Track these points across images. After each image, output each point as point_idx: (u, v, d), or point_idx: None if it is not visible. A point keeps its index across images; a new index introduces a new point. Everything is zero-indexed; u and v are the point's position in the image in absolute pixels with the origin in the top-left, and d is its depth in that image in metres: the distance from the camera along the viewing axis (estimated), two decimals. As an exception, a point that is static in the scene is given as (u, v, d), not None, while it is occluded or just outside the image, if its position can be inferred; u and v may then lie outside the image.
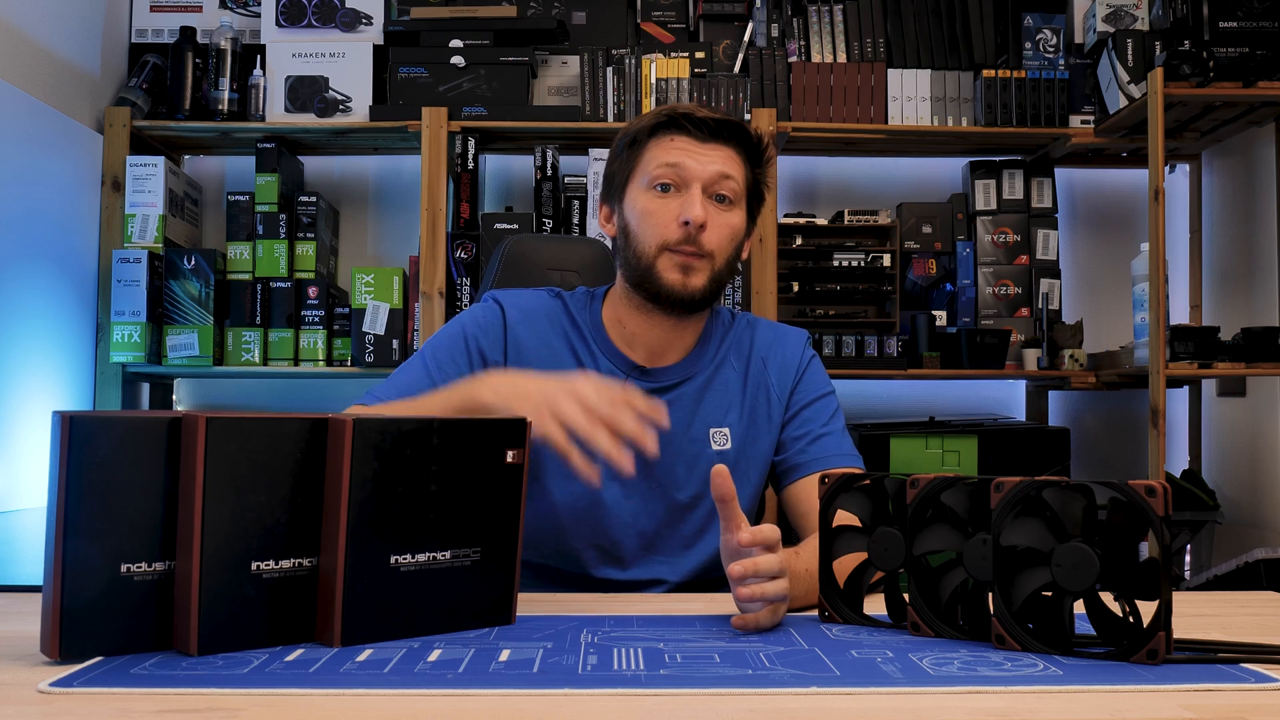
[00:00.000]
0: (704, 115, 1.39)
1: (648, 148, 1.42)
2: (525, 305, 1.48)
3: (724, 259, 1.41)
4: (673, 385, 1.46)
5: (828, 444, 1.46)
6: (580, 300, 1.51)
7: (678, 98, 2.87)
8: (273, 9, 2.94)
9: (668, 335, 1.45)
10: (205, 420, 0.90)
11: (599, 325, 1.48)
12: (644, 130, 1.42)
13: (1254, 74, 2.50)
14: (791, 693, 0.82)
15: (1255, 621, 1.16)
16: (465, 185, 2.88)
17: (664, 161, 1.39)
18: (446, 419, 1.04)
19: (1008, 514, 0.97)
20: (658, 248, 1.38)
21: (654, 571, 1.44)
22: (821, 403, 1.50)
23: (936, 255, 3.06)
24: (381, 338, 2.83)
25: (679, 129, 1.40)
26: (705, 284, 1.39)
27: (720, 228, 1.39)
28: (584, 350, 1.46)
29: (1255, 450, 2.88)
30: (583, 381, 1.16)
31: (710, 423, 1.46)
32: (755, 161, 1.45)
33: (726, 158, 1.40)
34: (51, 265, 2.61)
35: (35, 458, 2.42)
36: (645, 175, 1.41)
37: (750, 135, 1.44)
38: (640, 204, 1.41)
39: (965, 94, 2.96)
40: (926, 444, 2.85)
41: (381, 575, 0.98)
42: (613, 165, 1.47)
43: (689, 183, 1.38)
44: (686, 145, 1.39)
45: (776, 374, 1.50)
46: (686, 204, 1.37)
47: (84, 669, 0.86)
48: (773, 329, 1.55)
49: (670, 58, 2.92)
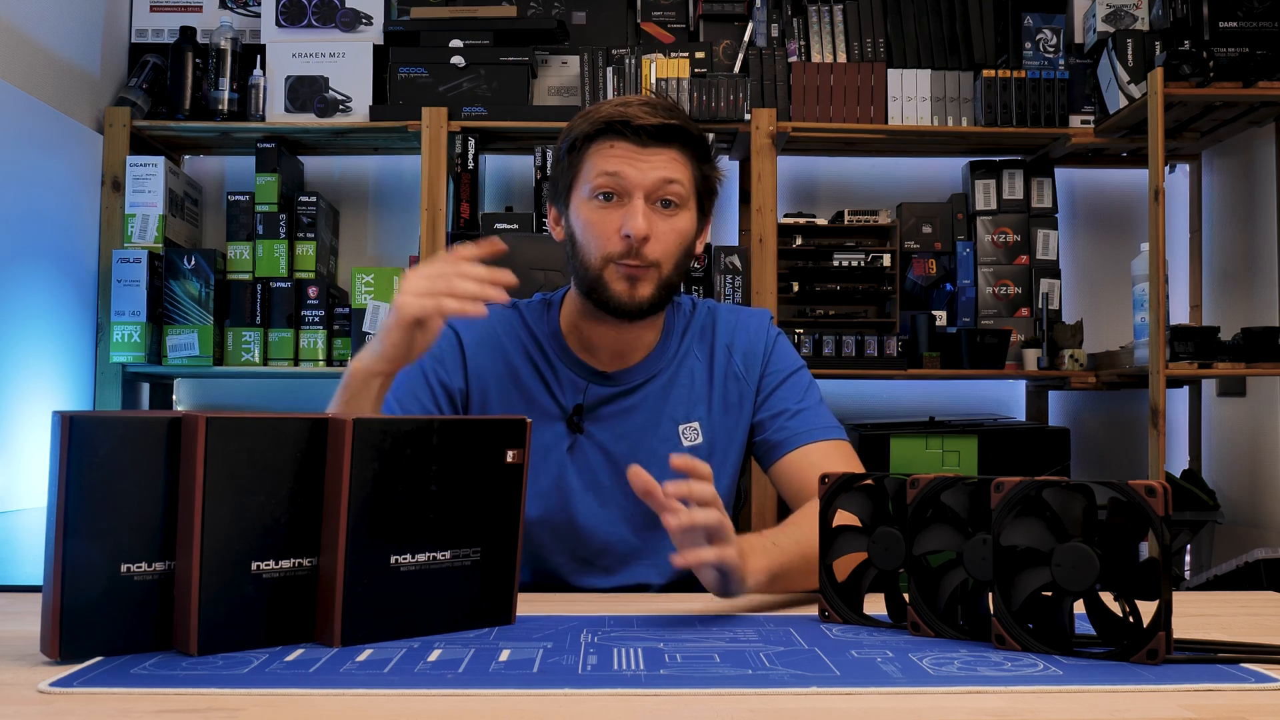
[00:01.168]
0: (642, 121, 1.34)
1: (588, 154, 1.38)
2: (479, 324, 1.46)
3: (671, 265, 1.38)
4: (636, 386, 1.44)
5: (807, 418, 1.44)
6: (536, 310, 1.48)
7: (678, 98, 2.87)
8: (273, 9, 2.94)
9: (625, 337, 1.43)
10: (205, 420, 0.90)
11: (557, 334, 1.46)
12: (583, 135, 1.38)
13: (1254, 74, 2.50)
14: (791, 693, 0.82)
15: (1255, 621, 1.16)
16: (465, 185, 2.88)
17: (604, 170, 1.35)
18: (446, 419, 1.04)
19: (1008, 514, 0.97)
20: (602, 259, 1.36)
21: (640, 576, 1.44)
22: (792, 380, 1.48)
23: (936, 255, 3.06)
24: (381, 338, 2.82)
25: (618, 135, 1.35)
26: (653, 293, 1.37)
27: (665, 235, 1.36)
28: (543, 361, 1.44)
29: (1255, 450, 2.88)
30: (412, 272, 1.24)
31: (678, 419, 1.45)
32: (702, 158, 1.41)
33: (669, 161, 1.36)
34: (51, 265, 2.61)
35: (35, 458, 2.42)
36: (587, 184, 1.37)
37: (692, 134, 1.39)
38: (583, 214, 1.38)
39: (965, 94, 2.96)
40: (926, 444, 2.85)
41: (381, 575, 0.98)
42: (556, 169, 1.44)
43: (630, 192, 1.34)
44: (626, 152, 1.35)
45: (743, 359, 1.48)
46: (628, 216, 1.33)
47: (84, 669, 0.86)
48: (734, 314, 1.53)
49: (670, 58, 2.92)
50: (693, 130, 1.40)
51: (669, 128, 1.36)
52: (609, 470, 1.43)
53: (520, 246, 1.82)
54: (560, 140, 1.43)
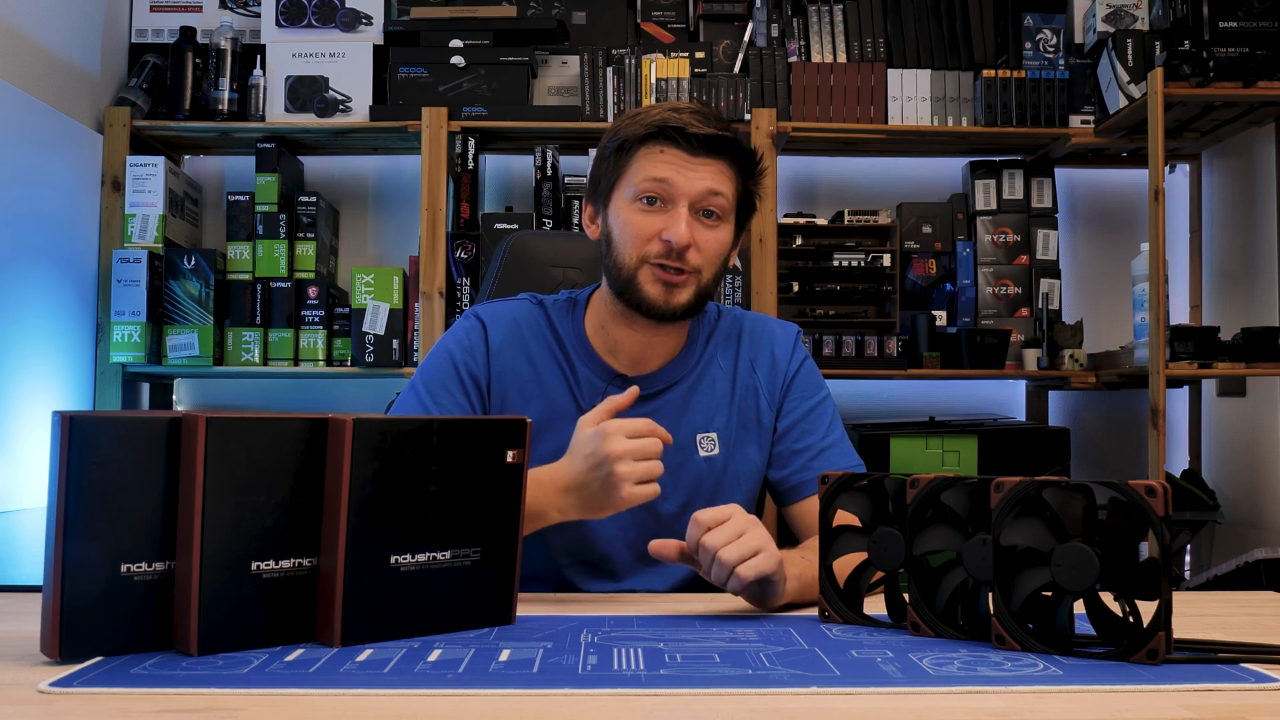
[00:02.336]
0: (696, 130, 1.34)
1: (636, 156, 1.37)
2: (506, 319, 1.45)
3: (711, 274, 1.38)
4: (657, 392, 1.43)
5: (831, 457, 1.44)
6: (562, 308, 1.47)
7: (678, 97, 2.87)
8: (273, 9, 2.94)
9: (650, 341, 1.42)
10: (205, 420, 0.90)
11: (580, 333, 1.45)
12: (634, 138, 1.37)
13: (1254, 74, 2.50)
14: (791, 693, 0.82)
15: (1255, 621, 1.16)
16: (465, 185, 2.88)
17: (652, 175, 1.35)
18: (446, 419, 1.04)
19: (1008, 514, 0.97)
20: (638, 260, 1.35)
21: (647, 582, 1.43)
22: (818, 411, 1.47)
23: (936, 255, 3.06)
24: (381, 338, 2.83)
25: (670, 141, 1.35)
26: (690, 299, 1.37)
27: (707, 244, 1.36)
28: (564, 360, 1.44)
29: (1255, 450, 2.88)
30: (604, 441, 1.20)
31: (696, 428, 1.44)
32: (748, 174, 1.41)
33: (717, 173, 1.36)
34: (51, 265, 2.61)
35: (35, 458, 2.42)
36: (631, 186, 1.36)
37: (743, 148, 1.40)
38: (624, 214, 1.37)
39: (965, 94, 2.96)
40: (926, 444, 2.85)
41: (381, 575, 0.98)
42: (599, 167, 1.43)
43: (676, 200, 1.34)
44: (676, 159, 1.35)
45: (766, 376, 1.47)
46: (671, 222, 1.33)
47: (84, 669, 0.86)
48: (762, 325, 1.51)
49: (670, 58, 2.92)
50: (744, 145, 1.40)
51: (721, 139, 1.36)
52: None
53: (538, 244, 1.81)
54: (605, 139, 1.42)
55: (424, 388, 1.42)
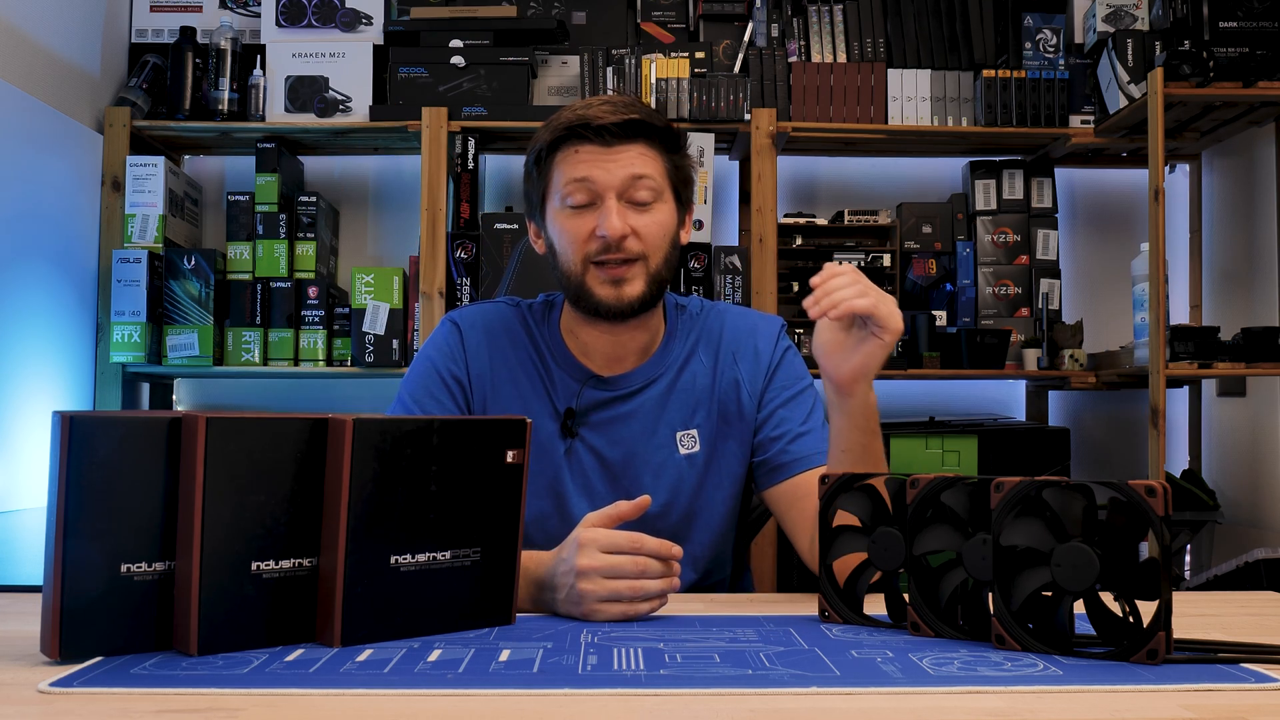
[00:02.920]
0: (604, 120, 1.33)
1: (556, 163, 1.36)
2: (482, 323, 1.46)
3: (660, 258, 1.37)
4: (634, 392, 1.43)
5: (809, 442, 1.43)
6: (539, 311, 1.48)
7: (678, 98, 2.87)
8: (273, 9, 2.94)
9: (619, 340, 1.42)
10: (205, 420, 0.90)
11: (556, 335, 1.45)
12: (545, 146, 1.37)
13: (1254, 74, 2.50)
14: (791, 693, 0.82)
15: (1255, 621, 1.16)
16: (465, 185, 2.88)
17: (573, 177, 1.34)
18: (446, 418, 1.04)
19: (1008, 514, 0.97)
20: (582, 263, 1.35)
21: None
22: (799, 400, 1.46)
23: (936, 255, 3.06)
24: (381, 338, 2.83)
25: (581, 139, 1.34)
26: (643, 290, 1.36)
27: (646, 228, 1.35)
28: (539, 362, 1.44)
29: (1255, 450, 2.88)
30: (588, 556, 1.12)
31: (676, 425, 1.43)
32: (672, 149, 1.39)
33: (637, 156, 1.35)
34: (51, 265, 2.61)
35: (35, 458, 2.42)
36: (557, 193, 1.36)
37: (657, 125, 1.37)
38: (559, 222, 1.37)
39: (965, 94, 2.96)
40: (926, 444, 2.85)
41: (381, 575, 0.98)
42: (528, 183, 1.43)
43: (603, 194, 1.34)
44: (592, 154, 1.34)
45: (748, 368, 1.46)
46: (603, 217, 1.33)
47: (84, 669, 0.87)
48: (744, 318, 1.50)
49: (670, 58, 2.92)
50: (656, 122, 1.38)
51: (631, 123, 1.34)
52: (603, 476, 1.42)
53: None
54: (527, 155, 1.41)
55: (411, 399, 1.42)
